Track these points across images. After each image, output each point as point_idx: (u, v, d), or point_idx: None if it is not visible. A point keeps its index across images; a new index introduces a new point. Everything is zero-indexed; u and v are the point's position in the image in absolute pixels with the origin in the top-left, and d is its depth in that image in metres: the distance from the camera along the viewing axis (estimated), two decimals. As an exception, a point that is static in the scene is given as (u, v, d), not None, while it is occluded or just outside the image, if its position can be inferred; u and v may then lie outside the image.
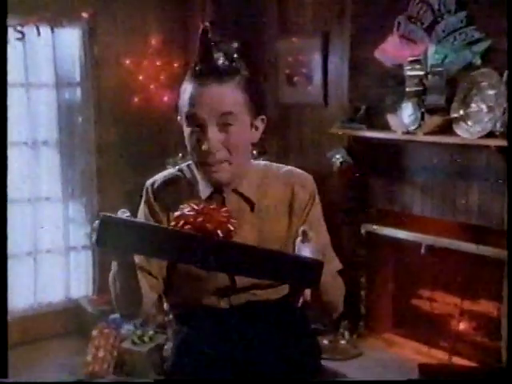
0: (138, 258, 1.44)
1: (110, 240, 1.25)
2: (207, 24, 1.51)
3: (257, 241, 1.52)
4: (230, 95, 1.47)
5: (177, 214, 1.32)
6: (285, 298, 1.53)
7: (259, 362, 1.54)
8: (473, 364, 3.31)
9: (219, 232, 1.28)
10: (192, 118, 1.48)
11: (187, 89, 1.50)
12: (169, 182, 1.60)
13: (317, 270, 1.27)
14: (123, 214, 1.31)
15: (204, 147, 1.46)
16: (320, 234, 1.56)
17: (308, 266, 1.28)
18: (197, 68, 1.49)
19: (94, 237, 1.24)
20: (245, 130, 1.51)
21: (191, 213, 1.30)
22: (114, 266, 1.42)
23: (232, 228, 1.31)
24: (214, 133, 1.46)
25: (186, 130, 1.51)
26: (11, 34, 3.77)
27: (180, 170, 1.63)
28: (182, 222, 1.29)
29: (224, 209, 1.36)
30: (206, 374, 1.56)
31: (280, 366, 1.56)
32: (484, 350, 3.29)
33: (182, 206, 1.33)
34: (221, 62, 1.50)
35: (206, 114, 1.46)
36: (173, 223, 1.31)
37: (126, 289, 1.45)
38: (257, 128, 1.55)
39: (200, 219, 1.28)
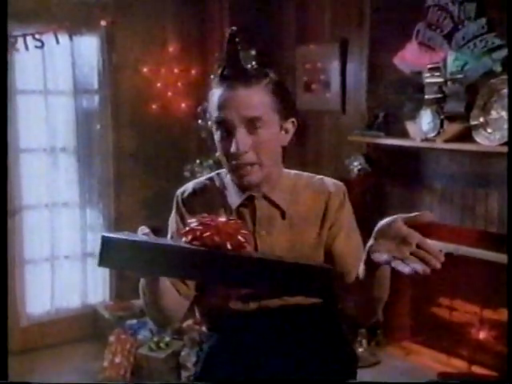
0: None
1: (112, 261, 1.24)
2: (234, 28, 1.51)
3: (288, 248, 1.52)
4: (257, 99, 1.47)
5: (186, 228, 1.31)
6: (318, 303, 1.51)
7: (288, 367, 1.53)
8: (493, 373, 3.27)
9: (228, 245, 1.26)
10: (221, 122, 1.48)
11: (215, 93, 1.51)
12: (198, 191, 1.61)
13: (324, 277, 1.23)
14: (142, 231, 1.31)
15: (232, 149, 1.46)
16: (352, 236, 1.57)
17: (314, 273, 1.25)
18: (224, 72, 1.49)
19: (98, 257, 1.23)
20: (274, 133, 1.51)
21: (199, 227, 1.28)
22: (142, 280, 1.43)
23: (243, 240, 1.28)
24: (242, 135, 1.46)
25: (216, 135, 1.52)
26: (30, 42, 3.79)
27: (210, 179, 1.64)
28: (190, 237, 1.27)
29: (233, 221, 1.34)
30: (237, 379, 1.56)
31: (309, 373, 1.55)
32: (504, 359, 3.25)
33: (189, 221, 1.32)
34: (248, 65, 1.52)
35: (234, 117, 1.46)
36: (183, 238, 1.30)
37: (154, 302, 1.46)
38: (287, 131, 1.56)
39: (208, 233, 1.26)
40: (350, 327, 1.68)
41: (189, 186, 1.63)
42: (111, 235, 1.24)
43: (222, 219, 1.31)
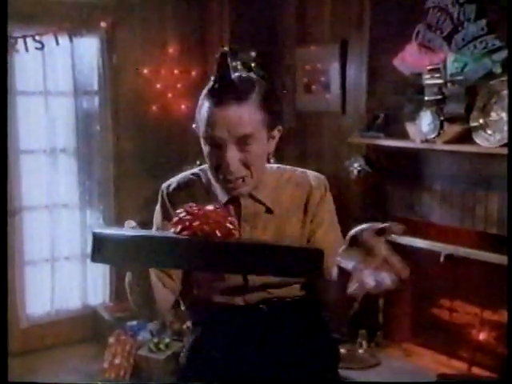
0: None
1: (104, 256, 1.25)
2: (226, 49, 1.50)
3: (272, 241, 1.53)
4: (248, 116, 1.46)
5: (174, 219, 1.31)
6: (303, 297, 1.53)
7: (272, 361, 1.55)
8: (493, 374, 3.27)
9: (218, 232, 1.27)
10: (211, 139, 1.48)
11: (204, 106, 1.49)
12: (183, 185, 1.62)
13: (316, 258, 1.24)
14: (129, 224, 1.31)
15: (224, 167, 1.47)
16: (331, 229, 1.58)
17: (307, 255, 1.26)
18: (215, 86, 1.48)
19: (90, 254, 1.25)
20: (263, 146, 1.52)
21: (187, 217, 1.28)
22: (128, 274, 1.44)
23: (231, 227, 1.29)
24: (232, 152, 1.46)
25: (205, 148, 1.51)
26: (30, 44, 3.80)
27: (195, 174, 1.64)
28: (179, 228, 1.28)
29: (220, 208, 1.34)
30: (219, 373, 1.57)
31: (293, 367, 1.56)
32: (504, 361, 3.25)
33: (177, 211, 1.32)
34: (238, 77, 1.49)
35: (225, 135, 1.45)
36: (171, 229, 1.30)
37: (141, 296, 1.47)
38: (273, 138, 1.57)
39: (197, 222, 1.27)
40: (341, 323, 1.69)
41: (174, 181, 1.64)
42: (101, 231, 1.26)
43: (210, 207, 1.32)
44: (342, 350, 3.54)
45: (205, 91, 1.51)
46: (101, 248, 1.23)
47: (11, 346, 3.41)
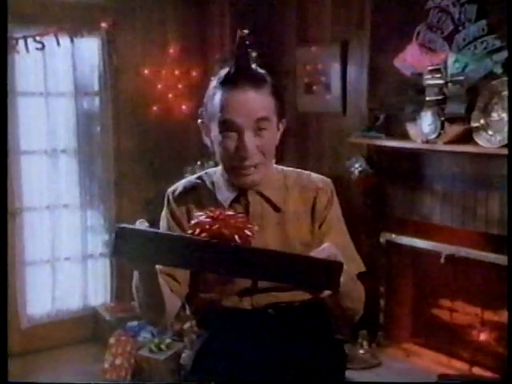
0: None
1: (125, 251, 1.25)
2: (244, 31, 1.51)
3: (280, 244, 1.53)
4: (264, 101, 1.50)
5: (193, 221, 1.31)
6: (309, 300, 1.52)
7: (280, 364, 1.54)
8: (493, 375, 3.27)
9: (236, 237, 1.27)
10: (227, 124, 1.49)
11: (218, 94, 1.51)
12: (189, 189, 1.62)
13: (336, 271, 1.26)
14: (141, 224, 1.32)
15: (241, 153, 1.48)
16: (340, 234, 1.58)
17: (327, 267, 1.27)
18: (231, 74, 1.50)
19: (110, 248, 1.25)
20: (275, 134, 1.55)
21: (207, 220, 1.29)
22: (136, 275, 1.43)
23: (250, 233, 1.30)
24: (249, 138, 1.48)
25: (218, 136, 1.51)
26: (31, 44, 3.80)
27: (199, 178, 1.65)
28: (198, 230, 1.28)
29: (241, 214, 1.35)
30: (227, 377, 1.56)
31: (300, 371, 1.56)
32: (505, 361, 3.25)
33: (197, 214, 1.33)
34: (254, 68, 1.53)
35: (243, 119, 1.47)
36: (190, 231, 1.30)
37: (149, 297, 1.46)
38: (279, 129, 1.59)
39: (216, 226, 1.27)
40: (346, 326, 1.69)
41: (179, 185, 1.64)
42: (126, 225, 1.26)
43: (230, 213, 1.33)
44: (343, 351, 3.55)
45: (216, 80, 1.53)
46: (123, 242, 1.23)
47: (11, 346, 3.42)
